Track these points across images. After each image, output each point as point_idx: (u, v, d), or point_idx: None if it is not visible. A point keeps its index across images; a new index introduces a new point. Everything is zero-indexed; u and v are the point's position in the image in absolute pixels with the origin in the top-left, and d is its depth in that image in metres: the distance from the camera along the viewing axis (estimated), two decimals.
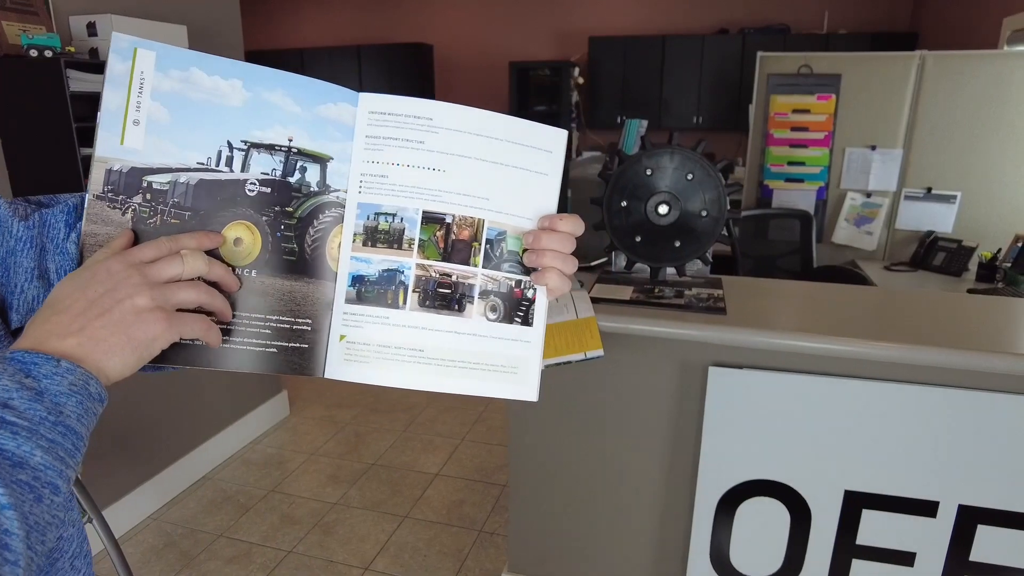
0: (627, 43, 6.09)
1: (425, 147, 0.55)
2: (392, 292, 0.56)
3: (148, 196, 0.51)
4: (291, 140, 0.53)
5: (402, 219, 0.55)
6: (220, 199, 0.52)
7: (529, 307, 0.57)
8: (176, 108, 0.51)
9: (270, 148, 0.53)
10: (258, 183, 0.53)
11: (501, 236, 0.56)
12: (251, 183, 0.53)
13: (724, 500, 1.57)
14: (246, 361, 0.53)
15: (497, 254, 0.57)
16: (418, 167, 0.55)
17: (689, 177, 1.55)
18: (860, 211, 3.09)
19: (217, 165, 0.52)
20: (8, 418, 0.39)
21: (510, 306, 0.57)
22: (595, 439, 1.73)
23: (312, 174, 0.54)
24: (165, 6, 2.39)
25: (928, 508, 1.44)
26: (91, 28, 2.07)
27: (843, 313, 1.60)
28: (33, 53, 1.88)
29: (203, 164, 0.52)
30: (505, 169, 0.56)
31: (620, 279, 1.75)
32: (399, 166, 0.55)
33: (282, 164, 0.53)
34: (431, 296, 0.56)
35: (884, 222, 3.05)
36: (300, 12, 7.30)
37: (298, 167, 0.54)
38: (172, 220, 0.51)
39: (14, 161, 2.00)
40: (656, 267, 1.66)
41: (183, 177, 0.52)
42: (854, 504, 1.48)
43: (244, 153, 0.53)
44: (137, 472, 2.41)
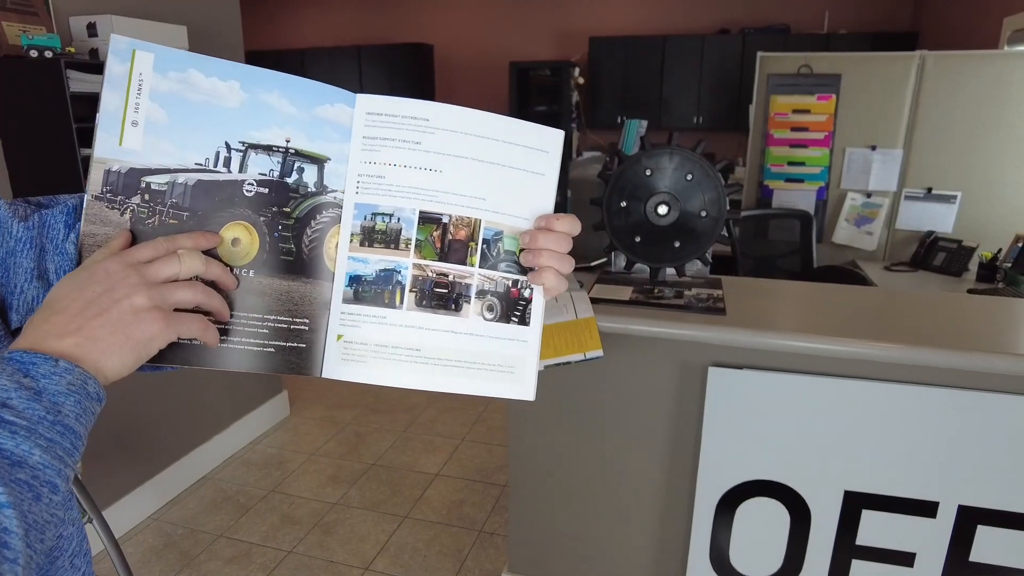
0: (627, 43, 6.09)
1: (422, 148, 0.55)
2: (389, 292, 0.56)
3: (146, 197, 0.51)
4: (289, 141, 0.54)
5: (399, 219, 0.56)
6: (218, 199, 0.52)
7: (526, 307, 0.58)
8: (174, 109, 0.51)
9: (268, 149, 0.53)
10: (256, 184, 0.53)
11: (498, 236, 0.57)
12: (249, 184, 0.53)
13: (724, 500, 1.57)
14: (244, 360, 0.53)
15: (494, 254, 0.57)
16: (415, 168, 0.55)
17: (688, 177, 1.55)
18: (860, 211, 3.09)
19: (215, 166, 0.52)
20: (7, 417, 0.39)
21: (507, 306, 0.57)
22: (595, 439, 1.73)
23: (309, 175, 0.54)
24: (165, 7, 2.39)
25: (928, 508, 1.44)
26: (91, 29, 2.08)
27: (843, 313, 1.60)
28: (33, 54, 1.88)
29: (201, 165, 0.52)
30: (502, 169, 0.56)
31: (620, 279, 1.75)
32: (396, 167, 0.55)
33: (280, 165, 0.54)
34: (428, 296, 0.56)
35: (884, 222, 3.05)
36: (300, 12, 7.30)
37: (295, 168, 0.54)
38: (170, 220, 0.52)
39: (14, 161, 2.00)
40: (656, 267, 1.66)
41: (181, 178, 0.52)
42: (854, 504, 1.48)
43: (242, 154, 0.53)
44: (137, 472, 2.41)
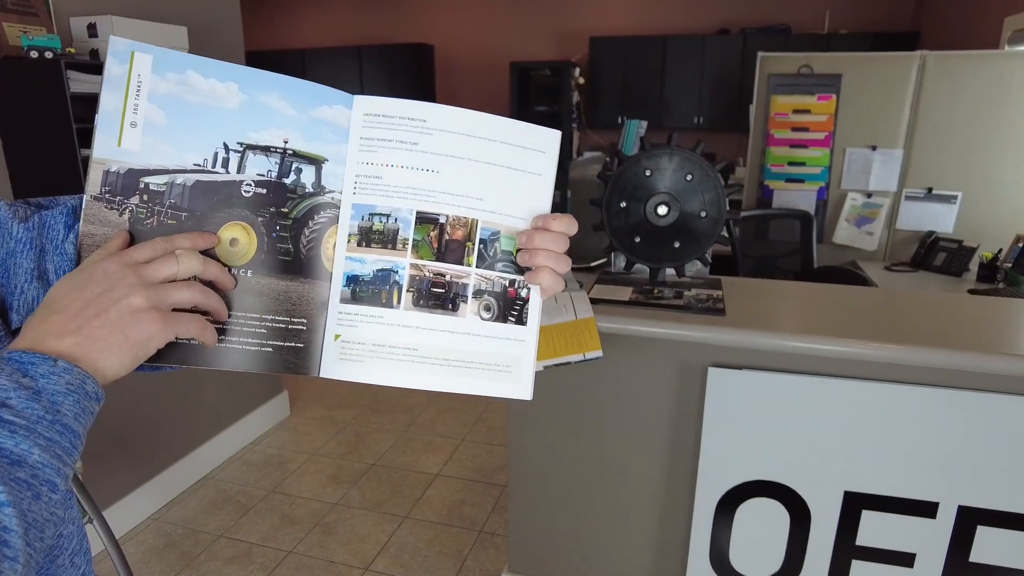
0: (628, 43, 6.09)
1: (419, 148, 0.55)
2: (386, 292, 0.56)
3: (145, 197, 0.52)
4: (286, 142, 0.54)
5: (396, 219, 0.56)
6: (216, 200, 0.53)
7: (523, 306, 0.58)
8: (173, 110, 0.52)
9: (266, 150, 0.53)
10: (254, 184, 0.53)
11: (495, 236, 0.57)
12: (247, 184, 0.53)
13: (724, 501, 1.57)
14: (242, 360, 0.53)
15: (491, 254, 0.57)
16: (412, 168, 0.55)
17: (688, 178, 1.55)
18: (861, 211, 3.09)
19: (213, 167, 0.53)
20: (6, 417, 0.39)
21: (504, 305, 0.57)
22: (595, 440, 1.73)
23: (307, 175, 0.55)
24: (165, 7, 2.40)
25: (928, 509, 1.44)
26: (91, 29, 2.08)
27: (843, 314, 1.60)
28: (34, 54, 1.88)
29: (199, 165, 0.52)
30: (498, 170, 0.56)
31: (619, 280, 1.76)
32: (393, 167, 0.55)
33: (278, 166, 0.54)
34: (425, 295, 0.56)
35: (885, 222, 3.05)
36: (301, 13, 7.31)
37: (293, 168, 0.54)
38: (169, 221, 0.52)
39: (15, 162, 2.00)
40: (655, 268, 1.66)
41: (180, 178, 0.52)
42: (854, 505, 1.48)
43: (240, 155, 0.53)
44: (138, 472, 2.42)
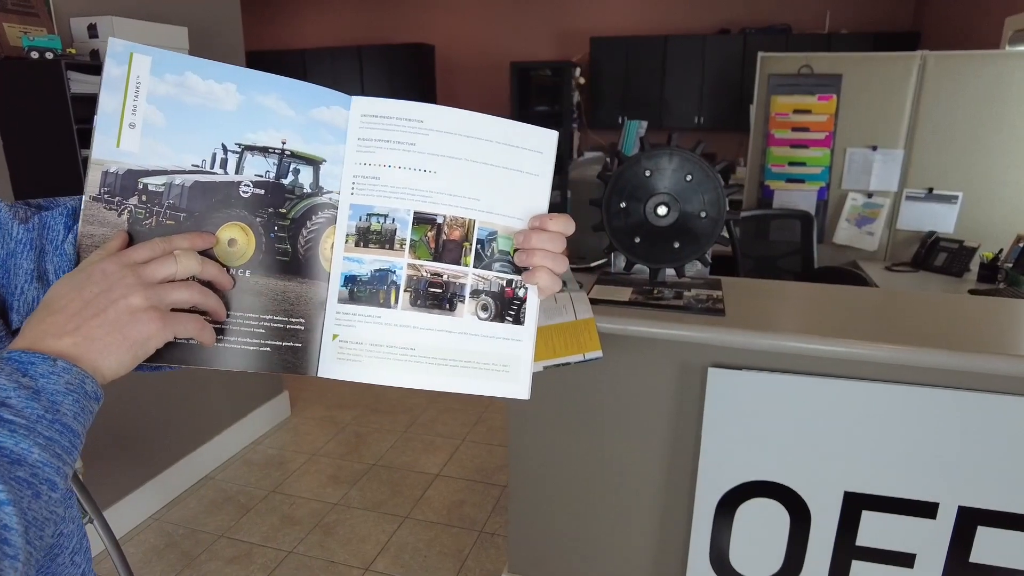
0: (628, 43, 6.10)
1: (416, 149, 0.55)
2: (384, 292, 0.56)
3: (144, 198, 0.52)
4: (284, 143, 0.54)
5: (394, 220, 0.56)
6: (214, 201, 0.53)
7: (520, 306, 0.58)
8: (171, 111, 0.52)
9: (264, 151, 0.54)
10: (252, 185, 0.54)
11: (492, 236, 0.57)
12: (245, 185, 0.54)
13: (724, 501, 1.57)
14: (240, 360, 0.53)
15: (488, 254, 0.57)
16: (410, 169, 0.56)
17: (688, 178, 1.55)
18: (861, 211, 3.08)
19: (212, 167, 0.53)
20: (6, 416, 0.40)
21: (501, 305, 0.58)
22: (595, 440, 1.73)
23: (305, 176, 0.55)
24: (166, 7, 2.40)
25: (928, 509, 1.44)
26: (92, 30, 2.08)
27: (843, 314, 1.60)
28: (34, 55, 1.89)
29: (198, 166, 0.53)
30: (496, 170, 0.56)
31: (619, 280, 1.76)
32: (391, 168, 0.56)
33: (276, 166, 0.54)
34: (422, 295, 0.56)
35: (885, 222, 3.05)
36: (301, 13, 7.31)
37: (291, 169, 0.54)
38: (167, 221, 0.52)
39: (15, 162, 2.01)
40: (655, 268, 1.66)
41: (178, 179, 0.52)
42: (854, 505, 1.48)
43: (238, 155, 0.53)
44: (138, 472, 2.42)
